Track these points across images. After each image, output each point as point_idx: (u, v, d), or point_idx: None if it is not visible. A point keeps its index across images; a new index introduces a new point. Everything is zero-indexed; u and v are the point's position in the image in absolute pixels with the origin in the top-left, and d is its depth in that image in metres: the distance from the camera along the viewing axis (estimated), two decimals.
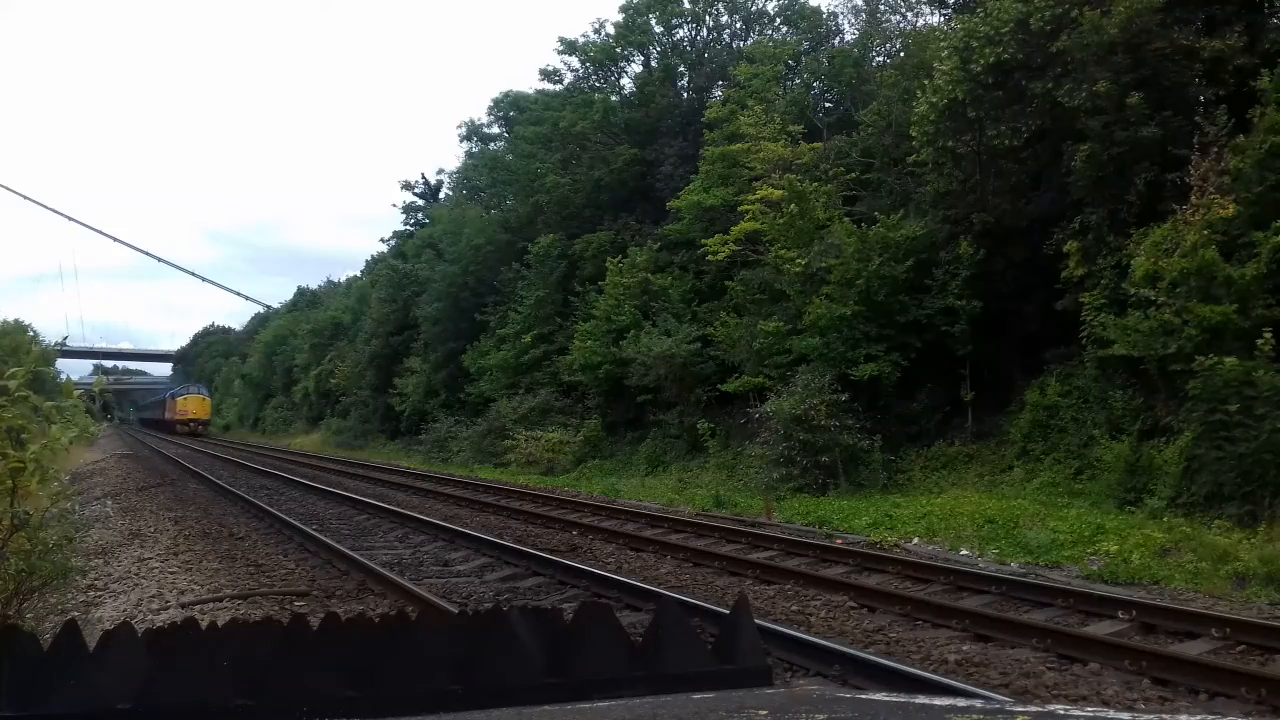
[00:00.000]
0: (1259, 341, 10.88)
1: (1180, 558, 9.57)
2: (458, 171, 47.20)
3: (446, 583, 9.56)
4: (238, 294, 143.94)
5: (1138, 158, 13.62)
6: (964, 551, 10.96)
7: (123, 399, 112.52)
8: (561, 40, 32.86)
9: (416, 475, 24.22)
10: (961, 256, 16.05)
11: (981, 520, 11.95)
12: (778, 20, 30.82)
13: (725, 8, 31.02)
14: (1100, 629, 7.14)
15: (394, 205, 61.68)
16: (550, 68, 33.68)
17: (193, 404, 65.43)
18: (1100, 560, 9.79)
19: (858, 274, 16.65)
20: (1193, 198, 12.46)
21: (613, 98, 31.62)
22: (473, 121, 43.58)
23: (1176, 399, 12.21)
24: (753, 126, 21.15)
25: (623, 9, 30.99)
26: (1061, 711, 1.06)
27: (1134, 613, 7.35)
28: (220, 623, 1.12)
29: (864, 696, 1.56)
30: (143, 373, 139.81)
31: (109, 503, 16.92)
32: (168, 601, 8.58)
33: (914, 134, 16.65)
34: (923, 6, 23.45)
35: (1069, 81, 14.08)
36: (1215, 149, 12.48)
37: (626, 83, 32.69)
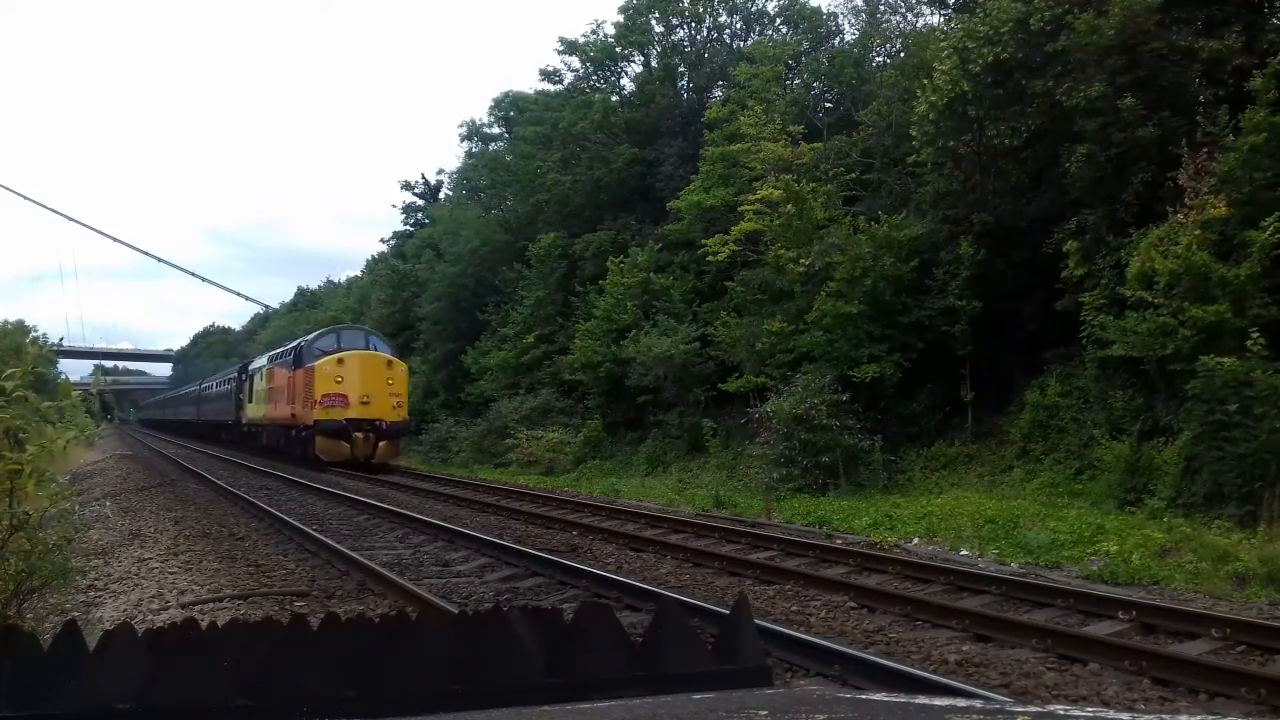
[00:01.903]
0: (1248, 342, 10.89)
1: (1180, 558, 9.56)
2: (458, 172, 47.28)
3: (446, 583, 9.55)
4: (238, 294, 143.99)
5: (1135, 158, 13.63)
6: (964, 552, 10.96)
7: (122, 399, 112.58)
8: (562, 40, 32.93)
9: (416, 475, 24.19)
10: (962, 257, 16.06)
11: (981, 520, 11.95)
12: (778, 20, 30.84)
13: (725, 8, 31.03)
14: (1100, 629, 7.13)
15: (394, 205, 61.68)
16: (550, 68, 33.77)
17: (362, 373, 25.74)
18: (1100, 560, 9.79)
19: (865, 273, 16.65)
20: (1186, 198, 12.48)
21: (613, 98, 31.65)
22: (473, 121, 43.66)
23: (1176, 399, 12.22)
24: (753, 127, 21.17)
25: (622, 9, 31.01)
26: (1061, 711, 1.06)
27: (1134, 613, 7.34)
28: (220, 623, 1.12)
29: (864, 696, 1.56)
30: (142, 373, 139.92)
31: (109, 503, 16.91)
32: (168, 602, 8.58)
33: (914, 134, 16.66)
34: (923, 6, 23.48)
35: (1068, 80, 14.09)
36: (1206, 149, 12.51)
37: (626, 83, 32.75)
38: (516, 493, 18.87)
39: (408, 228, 53.71)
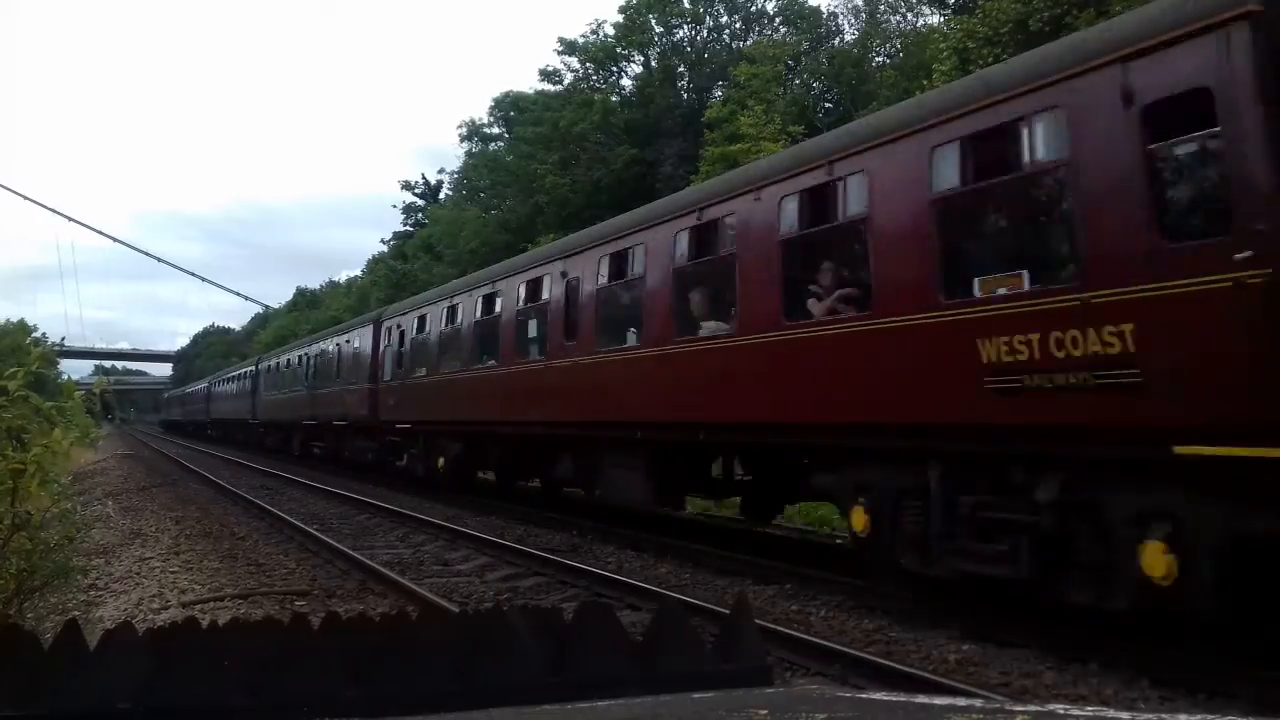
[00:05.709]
0: None
1: None
2: (458, 172, 47.29)
3: (447, 582, 9.56)
4: (237, 294, 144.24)
5: None
6: None
7: (123, 399, 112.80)
8: (561, 40, 32.95)
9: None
10: None
11: None
12: (778, 20, 30.86)
13: (725, 8, 31.06)
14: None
15: (394, 206, 61.55)
16: (550, 68, 33.79)
17: None
18: None
19: None
20: None
21: (613, 98, 31.66)
22: (473, 121, 43.64)
23: None
24: (753, 127, 21.18)
25: (622, 9, 31.03)
26: (1061, 711, 1.06)
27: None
28: (221, 622, 1.12)
29: (864, 695, 1.56)
30: (142, 373, 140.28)
31: (110, 502, 16.92)
32: (168, 601, 8.59)
33: None
34: (923, 7, 23.51)
35: None
36: None
37: (626, 83, 32.77)
38: (517, 493, 18.82)
39: (408, 228, 53.75)
